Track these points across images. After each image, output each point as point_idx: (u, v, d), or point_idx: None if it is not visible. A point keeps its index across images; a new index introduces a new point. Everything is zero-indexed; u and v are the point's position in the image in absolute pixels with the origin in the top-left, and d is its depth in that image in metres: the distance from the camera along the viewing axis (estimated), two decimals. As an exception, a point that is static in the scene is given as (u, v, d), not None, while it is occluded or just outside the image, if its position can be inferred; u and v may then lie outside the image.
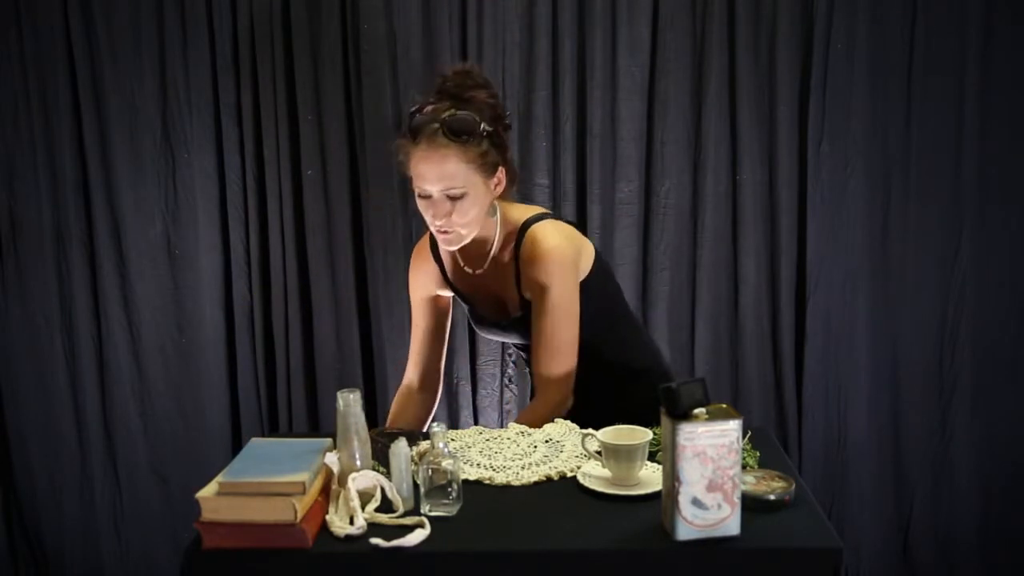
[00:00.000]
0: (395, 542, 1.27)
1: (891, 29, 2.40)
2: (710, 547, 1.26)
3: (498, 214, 1.82)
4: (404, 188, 2.47)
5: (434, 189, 1.70)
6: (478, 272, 1.86)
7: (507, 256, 1.82)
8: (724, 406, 1.28)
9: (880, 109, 2.43)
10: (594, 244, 1.92)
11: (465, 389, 2.57)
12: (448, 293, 1.98)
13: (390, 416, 1.96)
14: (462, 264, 1.88)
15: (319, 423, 2.60)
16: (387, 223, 2.50)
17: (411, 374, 2.00)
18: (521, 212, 1.84)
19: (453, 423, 2.56)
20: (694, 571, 1.28)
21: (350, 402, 1.42)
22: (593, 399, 1.80)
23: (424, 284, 1.96)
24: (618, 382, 1.89)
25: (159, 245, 2.57)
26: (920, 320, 2.51)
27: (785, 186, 2.46)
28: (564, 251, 1.77)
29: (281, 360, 2.58)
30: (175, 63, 2.47)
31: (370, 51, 2.44)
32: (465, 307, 1.99)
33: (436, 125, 1.68)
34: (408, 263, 2.02)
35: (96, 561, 2.69)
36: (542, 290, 1.75)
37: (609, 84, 2.44)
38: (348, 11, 2.44)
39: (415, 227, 2.48)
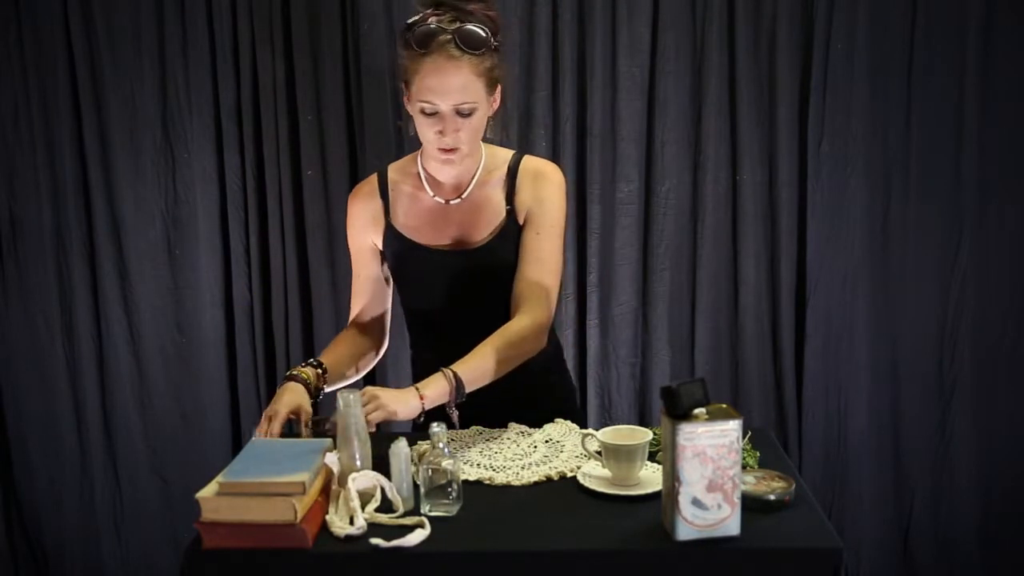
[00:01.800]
0: (395, 542, 1.27)
1: (891, 29, 2.40)
2: (710, 547, 1.26)
3: (483, 145, 1.79)
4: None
5: (445, 104, 1.62)
6: (451, 202, 1.77)
7: (495, 179, 1.77)
8: (724, 406, 1.28)
9: (880, 109, 2.43)
10: (594, 243, 1.92)
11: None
12: (379, 239, 1.83)
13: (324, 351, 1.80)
14: (432, 195, 1.78)
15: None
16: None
17: (351, 324, 1.87)
18: (504, 149, 1.83)
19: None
20: (694, 571, 1.28)
21: (350, 402, 1.42)
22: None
23: (365, 226, 1.83)
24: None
25: (159, 245, 2.57)
26: (920, 320, 2.51)
27: (785, 186, 2.46)
28: (563, 181, 1.79)
29: (281, 360, 2.57)
30: (175, 63, 2.47)
31: (370, 51, 2.44)
32: (395, 261, 1.81)
33: (448, 36, 1.60)
34: None
35: (96, 561, 2.69)
36: (544, 207, 1.74)
37: (609, 84, 2.44)
38: (348, 11, 2.44)
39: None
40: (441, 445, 1.40)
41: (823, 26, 2.39)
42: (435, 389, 1.55)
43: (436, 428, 1.40)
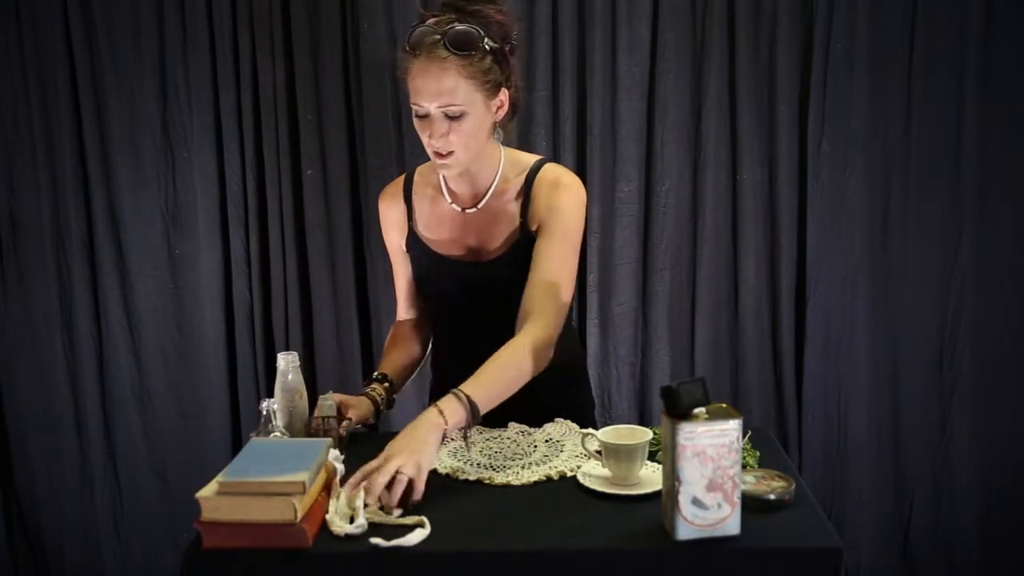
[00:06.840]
0: (395, 542, 1.27)
1: (891, 29, 2.40)
2: (710, 547, 1.26)
3: (503, 152, 1.74)
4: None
5: (431, 106, 1.58)
6: (468, 211, 1.73)
7: (513, 189, 1.71)
8: (724, 406, 1.28)
9: (880, 109, 2.43)
10: (594, 243, 1.89)
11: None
12: (403, 242, 1.82)
13: (384, 352, 1.88)
14: (449, 202, 1.75)
15: (319, 423, 2.60)
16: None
17: (402, 315, 1.91)
18: (529, 155, 1.78)
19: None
20: (694, 571, 1.28)
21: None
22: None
23: (390, 229, 1.84)
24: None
25: (159, 245, 2.57)
26: (920, 320, 2.51)
27: (785, 186, 2.46)
28: (582, 192, 1.72)
29: (281, 360, 2.58)
30: (175, 63, 2.48)
31: (370, 51, 2.44)
32: (415, 267, 1.82)
33: (437, 37, 1.56)
34: None
35: (96, 561, 2.69)
36: (557, 215, 1.66)
37: (609, 84, 2.44)
38: (348, 11, 2.44)
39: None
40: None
41: (823, 26, 2.39)
42: (455, 416, 1.47)
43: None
